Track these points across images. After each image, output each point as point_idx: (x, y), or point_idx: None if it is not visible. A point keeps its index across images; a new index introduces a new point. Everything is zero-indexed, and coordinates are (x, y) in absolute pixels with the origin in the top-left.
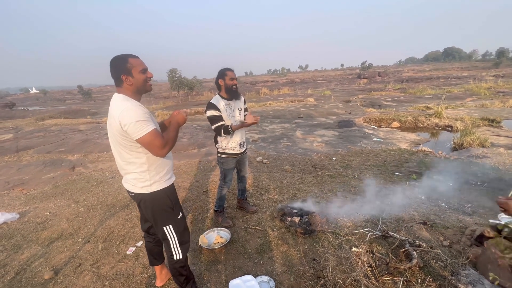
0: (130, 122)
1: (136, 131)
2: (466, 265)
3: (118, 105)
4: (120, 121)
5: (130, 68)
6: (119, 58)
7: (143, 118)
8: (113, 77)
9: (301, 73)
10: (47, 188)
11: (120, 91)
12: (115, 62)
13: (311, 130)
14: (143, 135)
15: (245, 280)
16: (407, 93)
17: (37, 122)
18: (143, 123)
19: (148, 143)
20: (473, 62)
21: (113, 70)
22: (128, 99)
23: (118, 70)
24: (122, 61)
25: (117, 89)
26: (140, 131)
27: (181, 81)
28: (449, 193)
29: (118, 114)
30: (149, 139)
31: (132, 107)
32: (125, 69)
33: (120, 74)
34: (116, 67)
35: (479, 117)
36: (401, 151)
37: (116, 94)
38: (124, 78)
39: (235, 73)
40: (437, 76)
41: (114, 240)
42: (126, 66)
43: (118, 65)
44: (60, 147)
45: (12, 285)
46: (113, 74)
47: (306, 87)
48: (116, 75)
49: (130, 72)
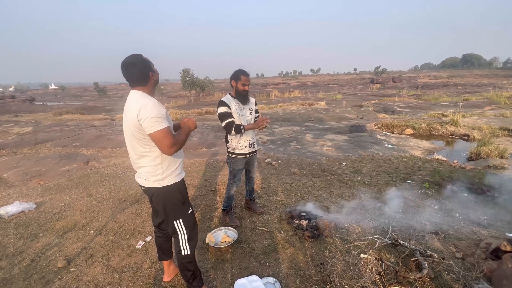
0: (146, 117)
1: (150, 125)
2: (479, 279)
3: (138, 100)
4: (138, 114)
5: (151, 65)
6: (143, 58)
7: (160, 116)
8: (138, 77)
9: (313, 76)
10: (62, 181)
11: (139, 89)
12: (142, 62)
13: (321, 134)
14: (156, 131)
15: (251, 281)
16: (422, 99)
17: (55, 117)
18: (158, 119)
19: (158, 140)
20: (493, 70)
21: (142, 69)
22: (147, 96)
23: (147, 68)
24: (144, 60)
25: (136, 88)
26: (153, 126)
27: (193, 81)
28: (464, 203)
29: (137, 108)
30: (160, 136)
31: (152, 104)
32: (149, 66)
33: (148, 71)
34: (144, 66)
35: (498, 126)
36: (414, 159)
37: (134, 91)
38: (151, 74)
39: (249, 78)
40: (454, 83)
41: (124, 234)
42: (149, 64)
43: (145, 63)
44: (75, 141)
45: (28, 271)
46: (140, 73)
47: (318, 91)
48: (145, 73)
49: (151, 68)
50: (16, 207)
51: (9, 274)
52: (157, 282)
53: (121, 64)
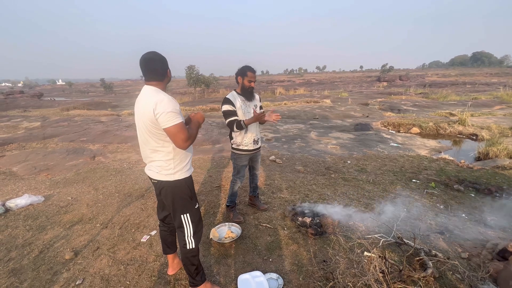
0: (163, 112)
1: (166, 120)
2: (485, 280)
3: (153, 95)
4: (154, 109)
5: (167, 63)
6: (161, 55)
7: (175, 111)
8: (158, 72)
9: (318, 73)
10: (70, 175)
11: (153, 84)
12: (162, 59)
13: (326, 132)
14: (171, 125)
15: (254, 276)
16: (429, 98)
17: (62, 112)
18: (174, 114)
19: (173, 134)
20: (504, 68)
21: (162, 65)
22: (162, 92)
23: (166, 65)
24: (164, 57)
25: (150, 82)
26: (169, 121)
27: (198, 78)
28: (471, 204)
29: (153, 103)
30: (176, 130)
31: (168, 99)
32: (167, 64)
33: (167, 68)
34: (164, 63)
35: (508, 126)
36: (420, 158)
37: (148, 87)
38: (168, 72)
39: (255, 75)
40: (463, 81)
41: (130, 228)
42: (166, 61)
43: (165, 61)
44: (82, 136)
45: (36, 262)
46: (159, 69)
47: (323, 88)
48: (164, 69)
49: (168, 66)
50: (25, 200)
51: (18, 264)
52: (161, 275)
53: (142, 58)
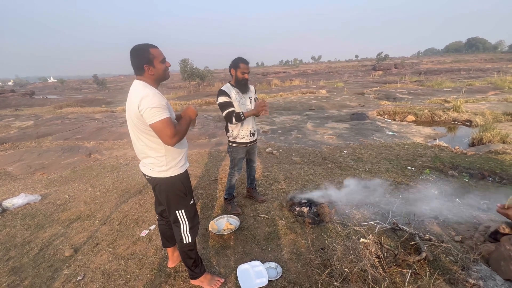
0: (147, 107)
1: (150, 116)
2: (477, 261)
3: (139, 91)
4: (139, 105)
5: (152, 59)
6: (141, 49)
7: (160, 106)
8: (134, 67)
9: (313, 64)
10: (66, 173)
11: (140, 79)
12: (137, 52)
13: (322, 123)
14: (156, 121)
15: (253, 265)
16: (424, 85)
17: (55, 110)
18: (158, 110)
19: (159, 130)
20: (498, 54)
21: (135, 60)
22: (148, 86)
23: (141, 60)
24: (144, 51)
25: (137, 77)
26: (154, 117)
27: (192, 72)
28: (464, 189)
29: (138, 99)
30: (161, 126)
31: (152, 94)
32: (147, 60)
33: (142, 64)
34: (138, 57)
35: (501, 111)
36: (415, 145)
37: (136, 81)
38: (147, 68)
39: (249, 66)
40: (457, 68)
41: (129, 223)
42: (148, 56)
43: (140, 55)
44: (77, 134)
45: (36, 260)
46: (135, 63)
47: (319, 79)
48: (138, 65)
49: (152, 62)
50: (22, 199)
51: (18, 263)
52: (162, 268)
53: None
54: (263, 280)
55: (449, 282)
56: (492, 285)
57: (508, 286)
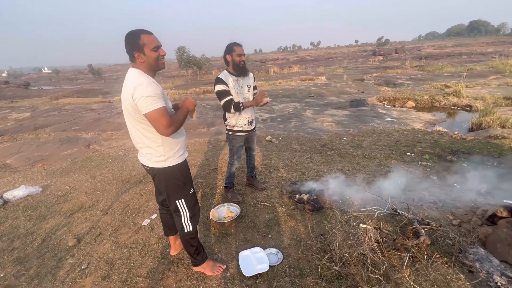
0: (141, 96)
1: (144, 105)
2: (474, 244)
3: (133, 79)
4: (133, 94)
5: (142, 46)
6: (132, 34)
7: (154, 95)
8: (127, 53)
9: (312, 50)
10: (66, 164)
11: (135, 66)
12: (129, 38)
13: (321, 110)
14: (151, 111)
15: (254, 252)
16: (425, 70)
17: (52, 101)
18: (153, 99)
19: (154, 120)
20: (500, 37)
21: (127, 46)
22: (143, 75)
23: (131, 47)
24: (135, 37)
25: (132, 64)
26: (148, 106)
27: (189, 60)
28: (463, 173)
29: (132, 88)
30: (156, 116)
31: (146, 83)
32: (137, 46)
33: (132, 51)
34: (129, 43)
35: (501, 96)
36: (415, 131)
37: (131, 69)
38: (137, 55)
39: (243, 48)
40: (459, 52)
41: (130, 213)
42: (138, 42)
43: (131, 41)
44: (74, 125)
45: (40, 250)
46: (126, 50)
47: (318, 65)
48: (129, 51)
49: (142, 49)
50: (23, 191)
51: (23, 253)
52: (164, 256)
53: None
54: (264, 265)
55: (446, 264)
56: (488, 266)
57: (503, 267)
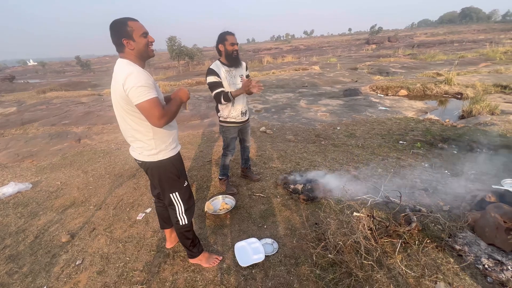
0: (132, 86)
1: (136, 95)
2: (464, 228)
3: (123, 69)
4: (123, 84)
5: (130, 32)
6: (119, 22)
7: (146, 85)
8: (114, 42)
9: (306, 39)
10: (56, 159)
11: (123, 56)
12: (115, 26)
13: (315, 100)
14: (143, 101)
15: (250, 242)
16: (417, 59)
17: (39, 95)
18: (145, 89)
19: (146, 110)
20: (491, 24)
21: (114, 34)
22: (132, 64)
23: (119, 34)
24: (122, 24)
25: (120, 55)
26: (140, 96)
27: (181, 50)
28: (453, 160)
29: (122, 78)
30: (148, 106)
31: (137, 72)
32: (125, 33)
33: (121, 38)
34: (116, 31)
35: (491, 83)
36: (407, 120)
37: (120, 59)
38: (126, 42)
39: (236, 37)
40: (451, 40)
41: (124, 207)
42: (126, 29)
43: (118, 29)
44: (64, 119)
45: (33, 247)
46: (113, 39)
47: (311, 55)
48: (117, 40)
49: (131, 36)
50: (12, 188)
51: (15, 250)
52: (160, 249)
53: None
54: (260, 255)
55: (437, 249)
56: (476, 249)
57: (491, 250)
